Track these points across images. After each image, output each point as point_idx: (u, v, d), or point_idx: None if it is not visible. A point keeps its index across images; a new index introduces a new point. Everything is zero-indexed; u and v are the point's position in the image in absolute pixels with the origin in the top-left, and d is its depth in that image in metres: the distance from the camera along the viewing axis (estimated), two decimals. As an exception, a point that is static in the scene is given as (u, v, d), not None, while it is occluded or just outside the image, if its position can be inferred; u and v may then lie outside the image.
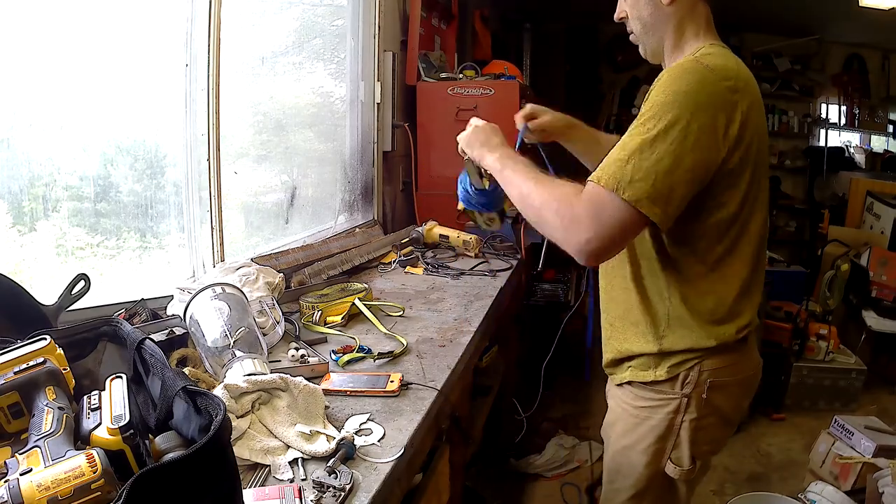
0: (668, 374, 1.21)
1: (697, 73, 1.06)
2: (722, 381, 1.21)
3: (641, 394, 1.26)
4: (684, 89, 1.04)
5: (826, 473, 2.47)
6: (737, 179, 1.12)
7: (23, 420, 0.73)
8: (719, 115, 1.06)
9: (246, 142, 1.98)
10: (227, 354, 1.14)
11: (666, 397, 1.23)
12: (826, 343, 3.37)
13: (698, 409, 1.22)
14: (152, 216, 1.62)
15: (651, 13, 1.21)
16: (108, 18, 1.45)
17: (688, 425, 1.23)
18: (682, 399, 1.22)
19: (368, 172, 2.67)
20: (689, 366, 1.20)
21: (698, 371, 1.20)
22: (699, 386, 1.20)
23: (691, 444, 1.24)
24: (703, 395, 1.21)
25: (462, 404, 1.60)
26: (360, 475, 0.89)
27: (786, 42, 5.85)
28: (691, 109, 1.03)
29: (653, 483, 1.28)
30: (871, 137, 6.32)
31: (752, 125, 1.10)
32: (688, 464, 1.25)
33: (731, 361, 1.22)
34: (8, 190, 1.28)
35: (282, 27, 2.20)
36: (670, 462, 1.26)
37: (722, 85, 1.06)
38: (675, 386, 1.22)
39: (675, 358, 1.21)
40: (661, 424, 1.24)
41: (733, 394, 1.26)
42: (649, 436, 1.25)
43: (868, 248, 3.90)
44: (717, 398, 1.22)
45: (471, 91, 2.79)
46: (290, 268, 1.90)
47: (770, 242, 4.68)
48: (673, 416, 1.23)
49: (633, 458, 1.29)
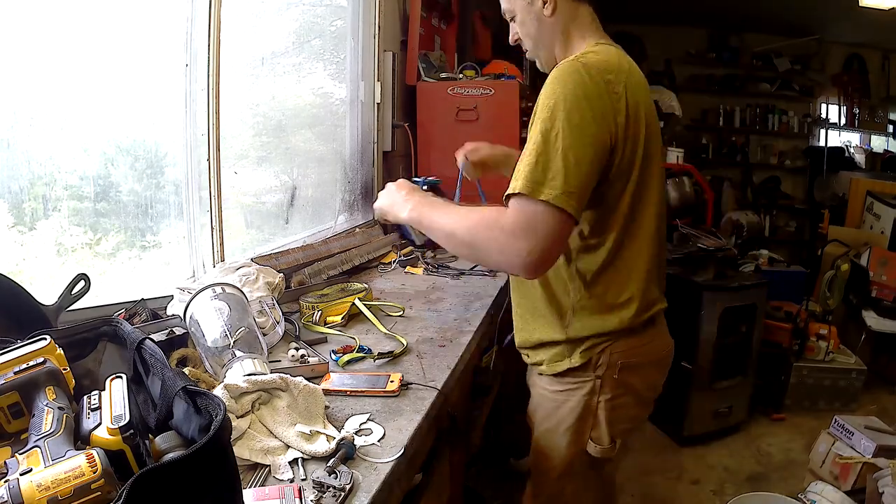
0: (582, 359, 1.28)
1: (576, 72, 1.12)
2: (633, 362, 1.29)
3: (558, 379, 1.33)
4: (569, 89, 1.10)
5: (826, 473, 2.47)
6: (628, 169, 1.18)
7: (23, 420, 0.73)
8: (605, 108, 1.12)
9: (246, 142, 1.98)
10: (227, 354, 1.14)
11: (580, 380, 1.30)
12: (826, 343, 3.37)
13: (612, 390, 1.29)
14: (152, 216, 1.62)
15: (537, 28, 1.29)
16: (109, 18, 1.45)
17: (604, 405, 1.29)
18: (595, 381, 1.29)
19: (368, 172, 2.67)
20: (600, 349, 1.27)
21: (609, 354, 1.27)
22: (611, 367, 1.28)
23: (608, 424, 1.31)
24: (615, 376, 1.28)
25: (462, 404, 1.60)
26: (360, 475, 0.89)
27: (786, 42, 5.85)
28: (578, 105, 1.09)
29: (577, 463, 1.35)
30: (871, 137, 6.32)
31: (638, 116, 1.17)
32: (608, 442, 1.32)
33: (640, 343, 1.29)
34: (8, 190, 1.28)
35: (282, 27, 2.20)
36: (591, 441, 1.32)
37: (601, 79, 1.12)
38: (588, 369, 1.28)
39: (585, 343, 1.27)
40: (579, 406, 1.30)
41: (646, 374, 1.34)
42: (568, 418, 1.32)
43: (868, 248, 3.90)
44: (630, 378, 1.30)
45: (471, 91, 2.78)
46: (290, 268, 1.90)
47: (770, 242, 4.67)
48: (588, 398, 1.30)
49: (555, 441, 1.35)
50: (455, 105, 2.79)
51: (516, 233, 1.08)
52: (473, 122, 2.78)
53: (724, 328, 3.03)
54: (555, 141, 1.08)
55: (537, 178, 1.06)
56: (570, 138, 1.08)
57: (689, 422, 3.08)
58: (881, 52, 5.97)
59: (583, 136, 1.08)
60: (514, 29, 1.34)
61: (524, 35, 1.32)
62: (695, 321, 2.98)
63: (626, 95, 1.14)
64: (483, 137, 2.78)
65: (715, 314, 2.98)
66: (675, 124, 4.69)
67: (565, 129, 1.08)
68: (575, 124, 1.08)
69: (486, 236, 1.12)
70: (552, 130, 1.08)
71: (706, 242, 3.15)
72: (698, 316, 2.98)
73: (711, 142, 6.31)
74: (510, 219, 1.09)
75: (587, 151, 1.09)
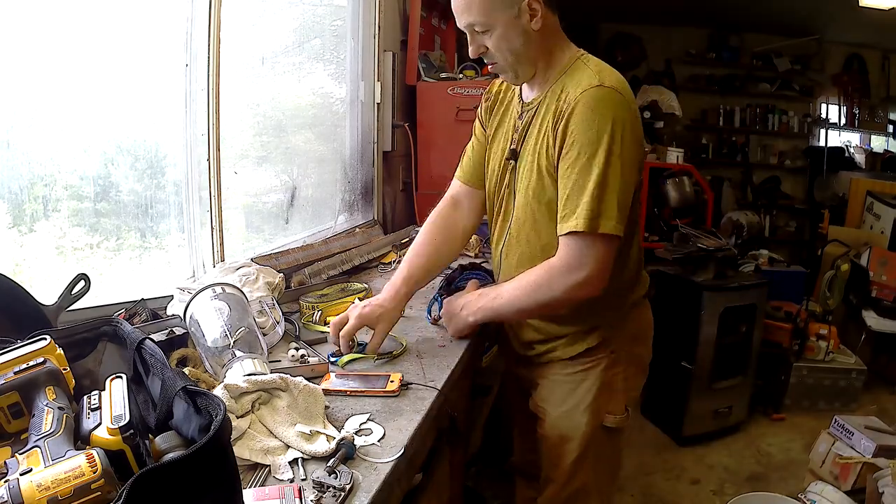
0: (599, 337, 1.37)
1: (615, 102, 1.19)
2: (637, 332, 1.45)
3: (573, 361, 1.40)
4: (613, 120, 1.17)
5: (826, 473, 2.47)
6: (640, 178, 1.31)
7: (23, 420, 0.73)
8: (639, 131, 1.23)
9: (246, 142, 1.98)
10: (227, 354, 1.14)
11: (597, 357, 1.38)
12: (826, 343, 3.37)
13: (625, 360, 1.40)
14: (152, 216, 1.62)
15: (524, 42, 1.25)
16: (109, 18, 1.45)
17: (621, 376, 1.40)
18: (610, 356, 1.38)
19: (368, 172, 2.67)
20: (615, 326, 1.38)
21: (623, 328, 1.39)
22: (623, 340, 1.40)
23: (624, 393, 1.42)
24: (626, 347, 1.40)
25: (462, 404, 1.60)
26: (360, 475, 0.89)
27: (786, 42, 5.84)
28: (623, 137, 1.18)
29: (594, 438, 1.41)
30: (871, 137, 6.32)
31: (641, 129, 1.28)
32: (623, 411, 1.42)
33: (640, 314, 1.46)
34: (8, 190, 1.28)
35: (282, 27, 2.20)
36: (608, 414, 1.40)
37: (627, 100, 1.21)
38: (603, 347, 1.38)
39: (603, 324, 1.37)
40: (597, 382, 1.38)
41: (646, 340, 1.48)
42: (588, 395, 1.39)
43: (868, 248, 3.90)
44: (637, 348, 1.45)
45: (471, 91, 2.78)
46: (290, 268, 1.90)
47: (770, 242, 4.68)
48: (605, 372, 1.38)
49: (575, 420, 1.40)
50: (455, 105, 2.79)
51: (572, 268, 1.21)
52: (473, 122, 2.77)
53: (724, 328, 3.03)
54: (606, 177, 1.17)
55: (595, 214, 1.18)
56: (618, 171, 1.18)
57: (689, 422, 3.09)
58: (881, 52, 5.97)
59: (625, 166, 1.19)
60: (479, 41, 1.27)
61: (503, 49, 1.26)
62: (695, 321, 2.98)
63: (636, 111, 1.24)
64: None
65: (715, 314, 2.99)
66: (675, 124, 4.69)
67: (613, 163, 1.17)
68: (624, 158, 1.18)
69: (548, 287, 1.24)
70: (601, 166, 1.17)
71: (706, 242, 3.15)
72: (698, 316, 2.98)
73: (711, 142, 6.31)
74: (563, 260, 1.22)
75: (630, 179, 1.21)
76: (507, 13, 1.21)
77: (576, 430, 1.40)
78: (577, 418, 1.39)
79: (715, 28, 6.04)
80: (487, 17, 1.23)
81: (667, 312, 3.46)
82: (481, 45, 1.28)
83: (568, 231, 1.20)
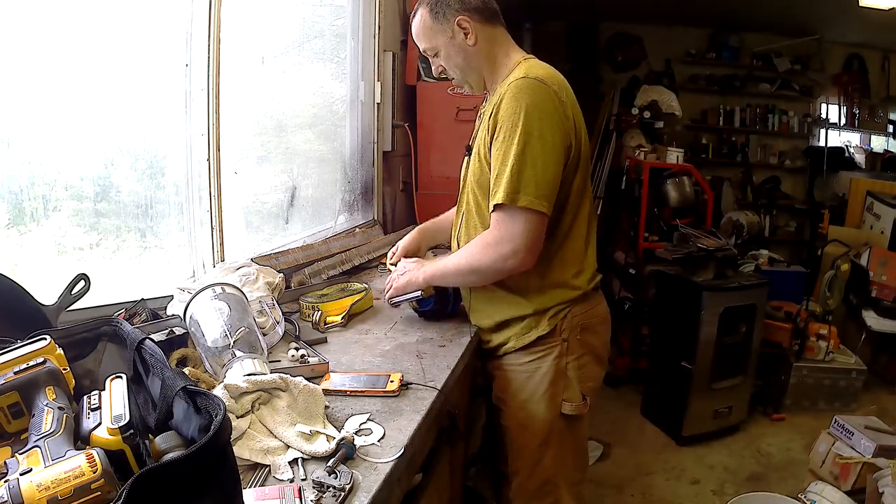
0: (549, 325, 1.44)
1: (531, 87, 1.31)
2: (589, 323, 1.49)
3: (527, 351, 1.47)
4: (529, 104, 1.29)
5: (826, 473, 2.47)
6: (574, 167, 1.39)
7: (23, 420, 0.73)
8: (559, 117, 1.31)
9: (246, 142, 1.97)
10: (227, 354, 1.14)
11: (549, 346, 1.45)
12: (826, 343, 3.37)
13: (577, 350, 1.47)
14: (152, 216, 1.62)
15: (464, 57, 1.44)
16: (109, 18, 1.45)
17: (573, 365, 1.46)
18: (562, 344, 1.46)
19: (368, 172, 2.67)
20: (563, 314, 1.45)
21: (570, 317, 1.45)
22: (573, 330, 1.46)
23: (579, 382, 1.47)
24: (578, 336, 1.46)
25: (462, 404, 1.60)
26: (360, 475, 0.90)
27: (786, 42, 5.84)
28: (539, 118, 1.29)
29: (554, 427, 1.47)
30: (871, 137, 6.31)
31: (577, 121, 1.38)
32: (579, 398, 1.48)
33: (590, 306, 1.50)
34: (8, 190, 1.28)
35: (282, 27, 2.20)
36: (565, 402, 1.46)
37: (552, 91, 1.31)
38: (555, 335, 1.45)
39: (550, 311, 1.45)
40: (550, 370, 1.45)
41: (600, 333, 1.54)
42: (542, 383, 1.46)
43: (868, 248, 3.90)
44: (590, 338, 1.49)
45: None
46: (290, 268, 1.90)
47: (770, 242, 4.68)
48: (558, 360, 1.46)
49: (533, 408, 1.47)
50: (455, 105, 2.79)
51: (500, 241, 1.32)
52: (473, 122, 2.78)
53: (724, 328, 3.03)
54: (522, 154, 1.28)
55: (514, 188, 1.28)
56: (537, 149, 1.28)
57: (689, 422, 3.08)
58: (881, 52, 5.96)
59: (545, 145, 1.29)
60: (436, 63, 1.48)
61: (451, 67, 1.46)
62: (695, 321, 2.98)
63: (568, 103, 1.35)
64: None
65: (715, 314, 2.98)
66: (675, 124, 4.69)
67: (531, 142, 1.28)
68: (538, 136, 1.28)
69: (479, 256, 1.37)
70: (519, 145, 1.28)
71: (706, 242, 3.15)
72: (698, 316, 2.98)
73: (711, 142, 6.30)
74: (493, 233, 1.34)
75: (551, 158, 1.30)
76: (444, 35, 1.42)
77: (534, 418, 1.47)
78: (534, 406, 1.46)
79: (715, 28, 6.03)
80: (431, 42, 1.44)
81: (667, 312, 3.49)
82: (439, 66, 1.49)
83: (494, 205, 1.32)
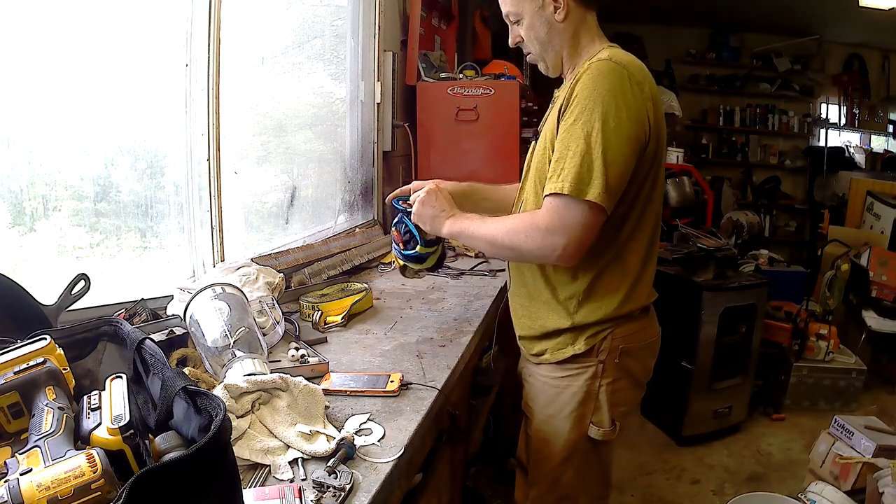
0: (587, 345, 1.33)
1: (613, 72, 1.18)
2: (631, 347, 1.35)
3: (561, 366, 1.37)
4: (607, 89, 1.17)
5: (826, 473, 2.46)
6: (647, 168, 1.26)
7: (23, 420, 0.73)
8: (639, 108, 1.19)
9: (246, 142, 1.97)
10: (227, 354, 1.14)
11: (583, 366, 1.34)
12: (826, 343, 3.37)
13: (613, 374, 1.34)
14: (152, 216, 1.61)
15: (547, 31, 1.31)
16: (109, 18, 1.45)
17: (605, 389, 1.35)
18: (598, 365, 1.34)
19: (368, 172, 2.67)
20: (603, 336, 1.33)
21: (611, 339, 1.33)
22: (612, 352, 1.33)
23: (610, 406, 1.36)
24: (616, 360, 1.34)
25: (462, 404, 1.60)
26: (360, 475, 0.90)
27: (786, 42, 5.85)
28: (616, 105, 1.16)
29: (578, 447, 1.38)
30: (871, 137, 6.31)
31: (658, 117, 1.25)
32: (608, 424, 1.36)
33: (637, 329, 1.36)
34: (8, 190, 1.28)
35: (282, 27, 2.20)
36: (592, 425, 1.36)
37: (635, 80, 1.19)
38: (592, 355, 1.34)
39: (590, 330, 1.33)
40: (581, 391, 1.35)
41: (641, 357, 1.39)
42: (571, 403, 1.36)
43: (868, 248, 3.90)
44: (628, 362, 1.36)
45: (471, 91, 2.79)
46: (290, 268, 1.90)
47: (770, 242, 4.67)
48: (591, 382, 1.34)
49: (558, 426, 1.38)
50: (455, 105, 2.79)
51: (552, 230, 1.19)
52: (473, 122, 2.78)
53: (724, 328, 3.02)
54: (596, 143, 1.15)
55: (583, 178, 1.15)
56: (611, 139, 1.15)
57: (689, 422, 3.08)
58: (881, 52, 5.97)
59: (620, 136, 1.16)
60: (515, 31, 1.35)
61: (531, 38, 1.33)
62: (695, 321, 2.98)
63: (650, 98, 1.22)
64: (483, 137, 2.81)
65: (715, 314, 2.98)
66: (675, 124, 4.68)
67: (605, 131, 1.15)
68: (614, 126, 1.16)
69: (524, 237, 1.23)
70: (593, 132, 1.16)
71: (706, 242, 3.15)
72: (698, 316, 2.97)
73: (711, 142, 6.31)
74: (545, 217, 1.20)
75: (624, 150, 1.17)
76: (533, 3, 1.29)
77: (558, 436, 1.38)
78: (559, 424, 1.38)
79: (715, 28, 6.04)
80: (515, 7, 1.32)
81: (667, 312, 3.47)
82: (517, 35, 1.36)
83: (553, 192, 1.18)
